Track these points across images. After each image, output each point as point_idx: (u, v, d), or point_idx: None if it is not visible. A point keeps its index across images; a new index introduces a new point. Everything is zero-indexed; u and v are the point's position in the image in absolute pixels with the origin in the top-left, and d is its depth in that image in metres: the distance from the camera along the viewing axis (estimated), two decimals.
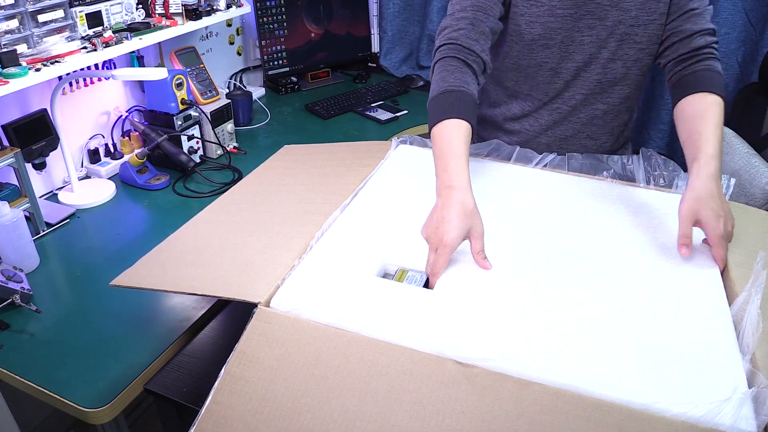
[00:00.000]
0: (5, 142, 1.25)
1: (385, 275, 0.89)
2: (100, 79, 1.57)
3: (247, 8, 1.84)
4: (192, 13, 1.61)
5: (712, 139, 0.95)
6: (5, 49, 1.17)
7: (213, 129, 1.64)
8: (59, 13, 1.28)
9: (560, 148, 1.26)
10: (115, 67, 1.60)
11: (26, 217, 1.21)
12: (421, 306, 0.79)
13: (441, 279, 0.83)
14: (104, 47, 1.36)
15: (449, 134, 0.92)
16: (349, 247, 0.91)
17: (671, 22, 1.10)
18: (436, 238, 0.83)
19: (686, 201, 0.90)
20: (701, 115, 1.00)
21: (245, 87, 2.15)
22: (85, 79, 1.53)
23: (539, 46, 1.15)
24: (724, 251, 0.88)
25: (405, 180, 1.10)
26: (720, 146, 0.95)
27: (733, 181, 1.03)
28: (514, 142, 1.28)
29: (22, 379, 0.93)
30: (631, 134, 1.35)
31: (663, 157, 1.12)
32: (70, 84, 1.50)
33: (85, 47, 1.34)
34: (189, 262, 0.90)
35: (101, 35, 1.36)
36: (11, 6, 1.18)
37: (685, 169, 0.99)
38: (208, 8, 1.69)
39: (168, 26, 1.54)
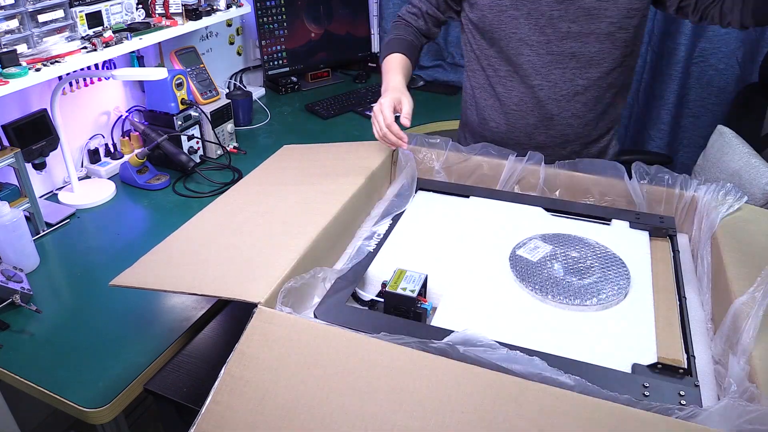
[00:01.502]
0: (5, 142, 1.25)
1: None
2: (100, 79, 1.57)
3: (247, 8, 1.84)
4: (192, 13, 1.61)
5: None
6: (5, 49, 1.17)
7: (213, 129, 1.64)
8: (59, 13, 1.28)
9: (547, 128, 1.29)
10: (115, 67, 1.60)
11: (26, 217, 1.21)
12: None
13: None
14: (104, 47, 1.36)
15: (388, 62, 1.32)
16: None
17: None
18: (374, 112, 1.17)
19: None
20: None
21: (245, 87, 2.15)
22: (85, 79, 1.53)
23: (507, 17, 1.21)
24: None
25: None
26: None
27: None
28: (504, 126, 1.33)
29: (22, 379, 0.93)
30: (617, 124, 1.37)
31: (655, 165, 1.12)
32: (70, 84, 1.50)
33: (85, 47, 1.34)
34: (189, 262, 0.90)
35: (101, 35, 1.36)
36: (11, 6, 1.18)
37: (683, 171, 1.02)
38: (208, 8, 1.69)
39: (168, 26, 1.54)
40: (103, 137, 1.62)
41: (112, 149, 1.60)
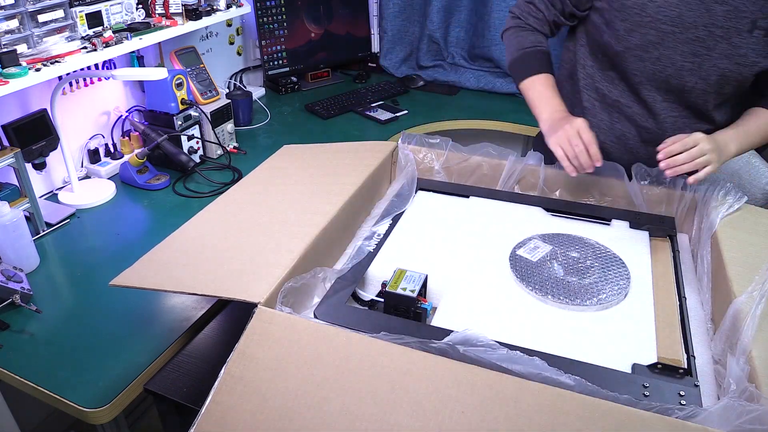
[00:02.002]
0: (5, 142, 1.25)
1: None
2: (100, 79, 1.57)
3: (247, 8, 1.84)
4: (192, 13, 1.61)
5: (754, 128, 1.11)
6: (5, 49, 1.17)
7: (213, 129, 1.64)
8: (59, 13, 1.28)
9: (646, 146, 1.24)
10: (115, 67, 1.60)
11: (26, 217, 1.21)
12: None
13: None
14: (104, 47, 1.36)
15: (539, 87, 1.19)
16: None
17: None
18: (567, 134, 1.06)
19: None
20: (755, 118, 1.13)
21: (245, 87, 2.15)
22: (85, 79, 1.53)
23: (631, 56, 1.14)
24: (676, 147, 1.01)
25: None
26: (750, 139, 1.11)
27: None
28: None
29: (22, 379, 0.93)
30: None
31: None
32: (70, 84, 1.50)
33: (85, 47, 1.34)
34: (189, 262, 0.90)
35: (101, 35, 1.36)
36: (11, 6, 1.18)
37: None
38: (208, 8, 1.69)
39: (168, 26, 1.54)
40: (103, 137, 1.62)
41: (112, 149, 1.60)
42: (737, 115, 1.18)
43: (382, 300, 0.86)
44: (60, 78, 1.35)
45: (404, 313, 0.84)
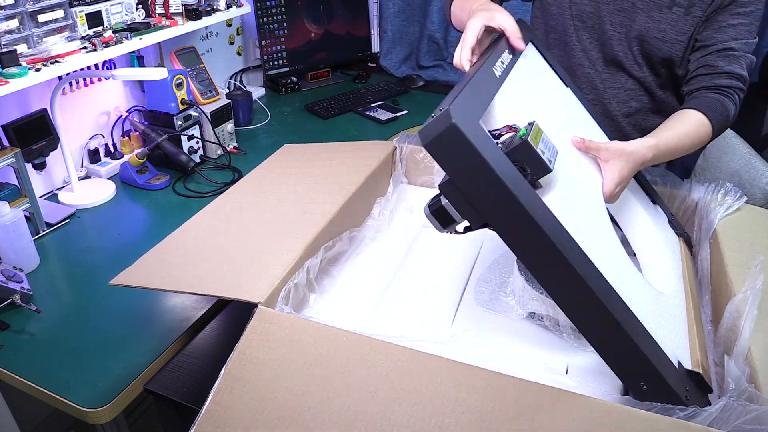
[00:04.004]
0: (5, 142, 1.25)
1: None
2: (100, 79, 1.57)
3: (247, 8, 1.84)
4: (192, 13, 1.61)
5: (671, 134, 0.95)
6: (5, 49, 1.17)
7: (213, 129, 1.64)
8: (59, 13, 1.28)
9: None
10: (115, 67, 1.60)
11: (26, 217, 1.21)
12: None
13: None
14: (104, 47, 1.36)
15: None
16: None
17: (706, 56, 1.08)
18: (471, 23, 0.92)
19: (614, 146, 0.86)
20: (679, 119, 1.01)
21: (245, 87, 2.15)
22: (85, 79, 1.53)
23: (572, 27, 1.18)
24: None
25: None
26: (672, 145, 0.94)
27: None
28: None
29: (22, 379, 0.93)
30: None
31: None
32: (70, 84, 1.50)
33: (85, 47, 1.34)
34: (188, 262, 0.90)
35: (101, 35, 1.36)
36: (11, 6, 1.18)
37: (683, 171, 1.00)
38: (208, 8, 1.69)
39: (168, 26, 1.54)
40: (103, 137, 1.62)
41: (112, 149, 1.60)
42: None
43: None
44: (60, 78, 1.35)
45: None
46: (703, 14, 1.07)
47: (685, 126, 1.00)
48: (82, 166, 1.56)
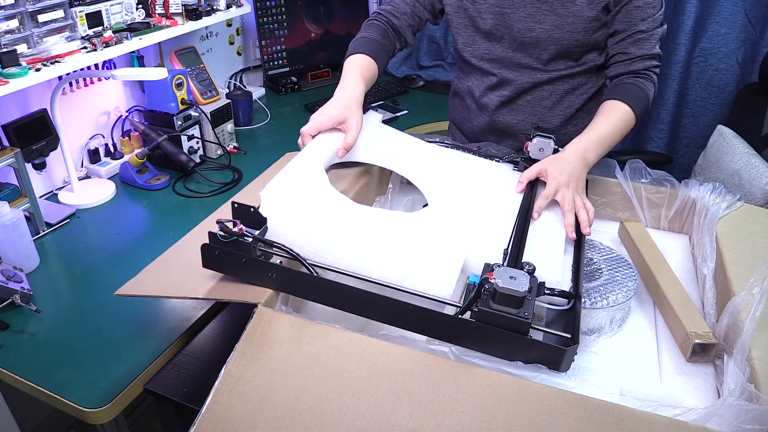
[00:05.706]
0: (5, 142, 1.25)
1: None
2: (100, 79, 1.57)
3: (247, 8, 1.84)
4: (192, 13, 1.61)
5: (596, 132, 1.05)
6: (5, 49, 1.17)
7: (213, 129, 1.64)
8: (59, 13, 1.28)
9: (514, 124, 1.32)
10: (115, 67, 1.60)
11: (26, 217, 1.21)
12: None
13: None
14: (104, 47, 1.36)
15: (348, 64, 1.27)
16: None
17: (619, 42, 1.15)
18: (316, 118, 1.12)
19: (542, 161, 1.01)
20: (602, 114, 1.10)
21: (245, 87, 2.15)
22: (85, 79, 1.53)
23: (487, 13, 1.22)
24: (566, 204, 0.94)
25: None
26: (602, 141, 1.05)
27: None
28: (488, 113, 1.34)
29: (22, 379, 0.93)
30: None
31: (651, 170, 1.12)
32: (70, 84, 1.50)
33: (85, 47, 1.34)
34: (190, 270, 0.90)
35: (101, 35, 1.36)
36: (11, 6, 1.18)
37: (683, 171, 1.00)
38: (208, 8, 1.69)
39: (168, 26, 1.54)
40: (103, 137, 1.62)
41: (112, 149, 1.60)
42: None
43: None
44: (60, 78, 1.35)
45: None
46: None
47: (611, 117, 1.09)
48: (82, 166, 1.56)
